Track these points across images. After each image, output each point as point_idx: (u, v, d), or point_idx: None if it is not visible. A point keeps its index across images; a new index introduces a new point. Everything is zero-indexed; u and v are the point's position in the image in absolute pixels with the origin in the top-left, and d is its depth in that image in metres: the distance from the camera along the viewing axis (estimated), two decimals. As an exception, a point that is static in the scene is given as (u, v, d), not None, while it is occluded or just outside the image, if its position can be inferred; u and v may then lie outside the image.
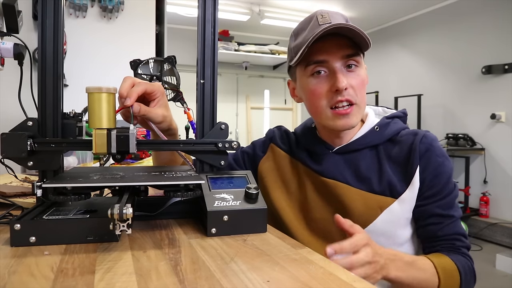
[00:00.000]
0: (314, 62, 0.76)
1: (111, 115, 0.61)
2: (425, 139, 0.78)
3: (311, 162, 0.85)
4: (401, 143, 0.80)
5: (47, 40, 0.63)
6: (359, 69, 0.77)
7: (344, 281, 0.43)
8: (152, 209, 0.68)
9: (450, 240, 0.77)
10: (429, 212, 0.77)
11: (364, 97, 0.78)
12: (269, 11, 4.19)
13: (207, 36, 0.70)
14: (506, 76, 3.37)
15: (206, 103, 0.71)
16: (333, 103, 0.75)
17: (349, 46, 0.75)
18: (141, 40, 2.32)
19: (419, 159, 0.76)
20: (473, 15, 3.65)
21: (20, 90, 0.73)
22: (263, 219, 0.63)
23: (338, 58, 0.75)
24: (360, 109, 0.78)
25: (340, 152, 0.82)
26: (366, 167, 0.79)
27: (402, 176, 0.77)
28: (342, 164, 0.81)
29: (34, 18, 1.94)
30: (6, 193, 0.80)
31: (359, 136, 0.82)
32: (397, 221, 0.77)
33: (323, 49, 0.75)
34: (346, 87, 0.74)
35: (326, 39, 0.75)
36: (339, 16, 0.77)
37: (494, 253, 2.87)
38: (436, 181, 0.76)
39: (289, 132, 0.96)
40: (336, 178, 0.80)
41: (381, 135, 0.81)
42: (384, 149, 0.81)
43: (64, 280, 0.41)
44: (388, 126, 0.82)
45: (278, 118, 5.40)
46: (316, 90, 0.77)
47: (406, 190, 0.77)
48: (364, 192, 0.78)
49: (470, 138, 3.58)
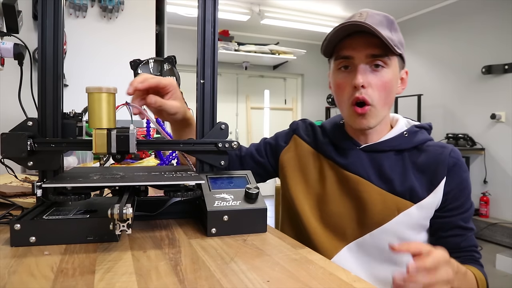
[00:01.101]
0: (341, 57, 0.79)
1: (111, 115, 0.61)
2: (453, 153, 0.81)
3: (336, 155, 0.86)
4: (427, 152, 0.82)
5: (47, 40, 0.63)
6: (385, 71, 0.77)
7: (344, 281, 0.43)
8: (152, 209, 0.68)
9: (471, 252, 0.82)
10: (453, 224, 0.80)
11: (383, 99, 0.78)
12: (269, 11, 4.19)
13: (207, 36, 0.70)
14: (506, 76, 3.37)
15: (206, 103, 0.71)
16: (352, 100, 0.77)
17: (378, 46, 0.75)
18: (141, 40, 2.31)
19: (447, 171, 0.79)
20: (473, 15, 3.65)
21: (20, 90, 0.73)
22: (263, 219, 0.63)
23: (363, 56, 0.76)
24: (378, 111, 0.78)
25: (367, 150, 0.84)
26: (390, 168, 0.80)
27: (425, 184, 0.79)
28: (367, 162, 0.82)
29: (34, 18, 1.94)
30: (6, 193, 0.80)
31: (388, 138, 0.83)
32: (412, 226, 0.78)
33: (351, 45, 0.77)
34: (363, 84, 0.75)
35: (355, 36, 0.76)
36: (379, 17, 0.78)
37: (494, 253, 2.87)
38: (461, 194, 0.80)
39: (314, 125, 0.97)
40: (359, 174, 0.81)
41: (409, 141, 0.83)
42: (409, 155, 0.82)
43: (64, 280, 0.41)
44: (416, 134, 0.84)
45: (278, 118, 5.40)
46: (340, 84, 0.80)
47: (426, 198, 0.78)
48: (385, 192, 0.79)
49: (470, 138, 3.59)
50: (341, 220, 0.82)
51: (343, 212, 0.82)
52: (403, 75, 0.85)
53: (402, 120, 0.89)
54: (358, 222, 0.80)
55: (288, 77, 5.49)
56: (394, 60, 0.79)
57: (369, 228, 0.79)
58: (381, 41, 0.74)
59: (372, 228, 0.78)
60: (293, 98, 5.51)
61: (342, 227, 0.81)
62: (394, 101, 4.16)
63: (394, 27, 0.80)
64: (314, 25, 4.43)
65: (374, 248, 0.79)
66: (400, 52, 0.77)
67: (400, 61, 0.81)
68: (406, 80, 0.86)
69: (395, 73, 0.80)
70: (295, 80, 5.56)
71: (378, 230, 0.78)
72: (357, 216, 0.80)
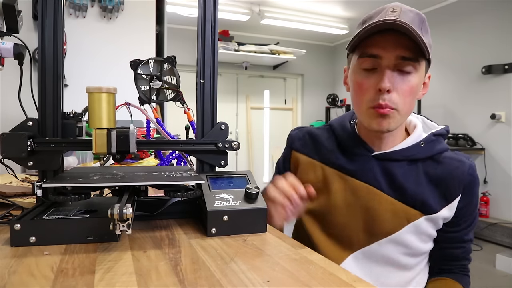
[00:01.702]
0: (368, 55, 0.72)
1: (111, 115, 0.61)
2: (471, 170, 0.78)
3: (345, 162, 0.82)
4: (443, 164, 0.78)
5: (47, 40, 0.63)
6: (413, 76, 0.71)
7: (344, 281, 0.43)
8: (152, 209, 0.68)
9: (464, 261, 0.84)
10: (458, 238, 0.81)
11: (408, 105, 0.73)
12: (269, 11, 4.19)
13: (207, 36, 0.70)
14: (506, 76, 3.37)
15: (206, 103, 0.71)
16: (374, 104, 0.72)
17: (409, 48, 0.69)
18: (141, 40, 2.31)
19: (463, 188, 0.77)
20: (473, 15, 3.65)
21: (20, 90, 0.73)
22: (263, 219, 0.63)
23: (392, 56, 0.70)
24: (401, 116, 0.73)
25: (379, 158, 0.79)
26: (402, 177, 0.77)
27: (438, 197, 0.77)
28: (378, 170, 0.79)
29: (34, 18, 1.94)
30: (6, 193, 0.80)
31: (403, 148, 0.79)
32: (421, 236, 0.77)
33: (380, 44, 0.70)
34: (389, 89, 0.70)
35: (386, 34, 0.69)
36: (413, 14, 0.70)
37: (494, 253, 2.87)
38: (471, 211, 0.80)
39: (312, 131, 0.91)
40: (369, 183, 0.78)
41: (425, 151, 0.79)
42: (423, 165, 0.79)
43: (64, 280, 0.41)
44: (433, 143, 0.80)
45: (278, 118, 5.40)
46: (362, 84, 0.74)
47: (439, 212, 0.76)
48: (395, 201, 0.77)
49: (470, 138, 3.58)
50: (347, 230, 0.80)
51: (350, 222, 0.79)
52: (426, 79, 0.79)
53: (420, 126, 0.83)
54: (365, 231, 0.78)
55: (288, 77, 5.49)
56: (422, 64, 0.73)
57: (377, 237, 0.77)
58: (412, 43, 0.68)
59: (380, 237, 0.77)
60: (293, 98, 5.51)
61: (348, 236, 0.79)
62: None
63: (425, 27, 0.72)
64: (314, 25, 4.43)
65: (380, 257, 0.78)
66: (430, 56, 0.71)
67: (427, 65, 0.75)
68: (428, 84, 0.80)
69: (421, 78, 0.74)
70: (295, 80, 5.56)
71: (386, 240, 0.77)
72: (364, 226, 0.78)
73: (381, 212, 0.77)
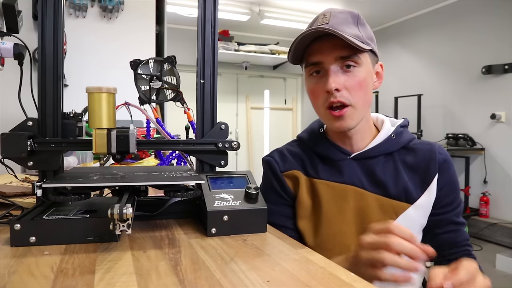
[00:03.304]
0: (311, 64, 0.77)
1: (111, 115, 0.61)
2: (441, 150, 0.83)
3: (328, 170, 0.82)
4: (416, 151, 0.82)
5: (47, 40, 0.63)
6: (358, 70, 0.75)
7: (344, 281, 0.43)
8: (152, 209, 0.68)
9: (465, 246, 0.82)
10: (447, 220, 0.81)
11: (362, 98, 0.76)
12: (269, 11, 4.19)
13: (207, 36, 0.70)
14: (506, 76, 3.37)
15: (206, 103, 0.71)
16: (328, 104, 0.76)
17: (345, 47, 0.73)
18: (141, 40, 2.31)
19: (438, 168, 0.80)
20: (473, 15, 3.65)
21: (20, 90, 0.73)
22: (263, 219, 0.63)
23: (332, 59, 0.74)
24: (358, 111, 0.76)
25: (358, 158, 0.82)
26: (381, 172, 0.80)
27: (418, 182, 0.79)
28: (359, 170, 0.81)
29: (34, 18, 1.94)
30: (6, 193, 0.80)
31: (377, 144, 0.82)
32: (412, 227, 0.78)
33: (319, 50, 0.75)
34: (336, 88, 0.73)
35: (323, 39, 0.74)
36: (344, 15, 0.75)
37: (494, 253, 2.87)
38: (452, 190, 0.81)
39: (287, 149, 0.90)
40: (354, 184, 0.80)
41: (397, 143, 0.82)
42: (399, 156, 0.82)
43: (64, 280, 0.41)
44: (402, 134, 0.84)
45: (278, 118, 5.40)
46: (314, 90, 0.78)
47: (421, 196, 0.78)
48: (380, 197, 0.78)
49: (470, 138, 3.58)
50: (343, 237, 0.79)
51: (344, 229, 0.79)
52: (378, 69, 0.82)
53: (387, 121, 0.87)
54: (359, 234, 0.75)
55: (288, 77, 5.48)
56: (366, 57, 0.76)
57: None
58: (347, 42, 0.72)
59: None
60: (293, 98, 5.51)
61: (347, 244, 0.78)
62: (394, 101, 4.18)
63: (361, 22, 0.77)
64: (314, 25, 4.42)
65: None
66: (369, 48, 0.75)
67: (372, 55, 0.78)
68: (382, 73, 0.83)
69: (368, 70, 0.77)
70: (295, 80, 5.56)
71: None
72: (357, 228, 0.78)
73: (370, 211, 0.78)
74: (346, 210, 0.80)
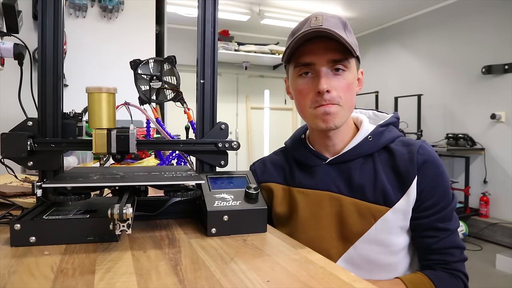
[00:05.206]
0: (302, 64, 0.77)
1: (111, 115, 0.61)
2: (422, 150, 0.77)
3: (304, 177, 0.84)
4: (396, 151, 0.79)
5: (47, 40, 0.63)
6: (346, 73, 0.77)
7: (344, 281, 0.43)
8: (152, 209, 0.68)
9: (443, 255, 0.77)
10: (426, 225, 0.77)
11: (349, 101, 0.78)
12: (269, 11, 4.19)
13: (207, 36, 0.70)
14: (506, 76, 3.37)
15: (206, 103, 0.71)
16: (316, 105, 0.76)
17: (338, 51, 0.74)
18: (141, 40, 2.31)
19: (417, 170, 0.76)
20: (473, 15, 3.65)
21: (20, 90, 0.73)
22: (263, 219, 0.63)
23: (324, 61, 0.75)
24: (344, 111, 0.77)
25: (333, 163, 0.82)
26: (359, 176, 0.79)
27: (397, 185, 0.77)
28: (335, 175, 0.81)
29: (34, 18, 1.94)
30: (6, 193, 0.80)
31: (353, 146, 0.81)
32: (391, 230, 0.76)
33: (312, 51, 0.76)
34: (328, 89, 0.74)
35: (315, 41, 0.75)
36: (335, 20, 0.76)
37: (494, 253, 2.86)
38: (435, 192, 0.76)
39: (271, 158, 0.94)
40: (330, 190, 0.80)
41: (375, 145, 0.81)
42: (379, 157, 0.80)
43: (64, 280, 0.41)
44: (382, 135, 0.82)
45: (278, 118, 5.40)
46: (302, 90, 0.79)
47: (400, 200, 0.76)
48: (358, 201, 0.77)
49: (470, 138, 3.58)
50: (322, 242, 0.79)
51: (323, 234, 0.79)
52: (359, 75, 0.84)
53: (366, 121, 0.85)
54: (339, 238, 0.78)
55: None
56: (353, 62, 0.78)
57: (351, 241, 0.77)
58: (340, 45, 0.73)
59: (353, 241, 0.76)
60: (293, 98, 5.51)
61: (325, 248, 0.78)
62: (394, 101, 4.18)
63: (348, 29, 0.79)
64: (314, 25, 4.42)
65: (361, 260, 0.77)
66: (358, 54, 0.77)
67: (357, 62, 0.81)
68: (362, 80, 0.85)
69: (354, 74, 0.79)
70: (295, 80, 5.56)
71: (359, 241, 0.76)
72: (337, 233, 0.78)
73: (348, 216, 0.77)
74: (322, 216, 0.80)
